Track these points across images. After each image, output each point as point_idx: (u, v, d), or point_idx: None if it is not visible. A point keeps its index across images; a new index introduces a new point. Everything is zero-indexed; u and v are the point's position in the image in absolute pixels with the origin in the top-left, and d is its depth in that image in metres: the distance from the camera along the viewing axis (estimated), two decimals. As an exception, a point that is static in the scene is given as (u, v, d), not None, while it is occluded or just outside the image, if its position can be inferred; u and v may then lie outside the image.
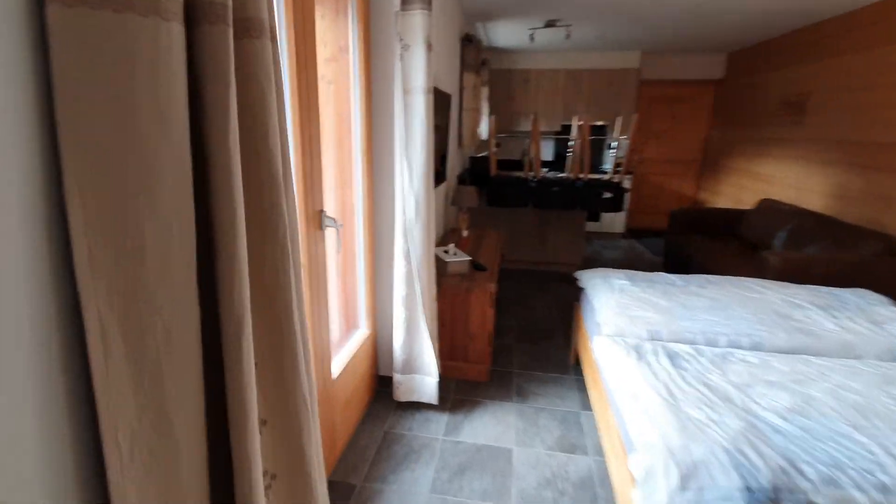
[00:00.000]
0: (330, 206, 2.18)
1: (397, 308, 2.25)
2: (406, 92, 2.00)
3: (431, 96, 2.08)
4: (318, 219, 1.63)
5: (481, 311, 2.55)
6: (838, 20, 3.74)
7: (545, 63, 5.76)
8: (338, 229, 1.68)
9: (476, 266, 2.75)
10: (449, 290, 2.53)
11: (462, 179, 4.26)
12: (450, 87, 3.30)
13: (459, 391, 2.51)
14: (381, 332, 2.45)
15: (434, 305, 2.39)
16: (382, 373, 2.50)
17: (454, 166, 3.94)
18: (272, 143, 0.78)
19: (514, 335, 3.16)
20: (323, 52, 2.05)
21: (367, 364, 2.34)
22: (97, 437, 0.63)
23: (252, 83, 0.75)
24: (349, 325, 2.34)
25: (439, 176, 3.20)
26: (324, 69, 2.05)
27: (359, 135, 2.09)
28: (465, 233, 3.30)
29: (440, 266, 2.64)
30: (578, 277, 2.79)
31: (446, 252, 2.73)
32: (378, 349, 2.48)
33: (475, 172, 4.56)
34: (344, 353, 2.15)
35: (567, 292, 3.93)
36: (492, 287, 2.52)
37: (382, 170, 2.23)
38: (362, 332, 2.31)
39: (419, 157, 2.08)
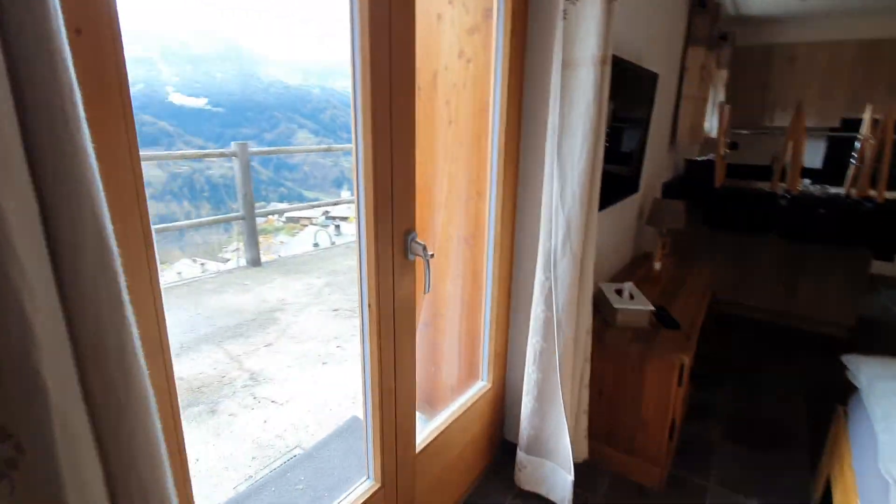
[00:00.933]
0: (459, 222, 1.71)
1: (529, 366, 1.64)
2: (566, 64, 1.37)
3: (608, 70, 1.39)
4: (401, 243, 1.16)
5: (662, 389, 1.72)
6: None
7: (823, 33, 4.11)
8: (427, 260, 1.18)
9: (662, 319, 1.91)
10: (614, 348, 1.78)
11: (669, 190, 3.27)
12: (660, 65, 2.44)
13: (613, 495, 1.75)
14: (512, 387, 1.87)
15: (585, 368, 1.69)
16: (509, 437, 1.92)
17: (657, 173, 3.01)
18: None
19: (720, 427, 2.16)
20: (464, 19, 1.57)
21: (484, 425, 1.80)
22: None
23: None
24: (469, 374, 1.84)
25: (629, 185, 2.40)
26: (463, 43, 1.57)
27: (497, 128, 1.54)
28: (657, 264, 2.42)
29: (607, 312, 1.90)
30: (850, 365, 1.68)
31: (619, 293, 1.96)
32: (506, 408, 1.91)
33: (691, 181, 3.48)
34: (452, 409, 1.65)
35: (825, 370, 2.61)
36: (683, 358, 1.67)
37: (532, 177, 1.64)
38: (482, 386, 1.78)
39: (578, 161, 1.42)
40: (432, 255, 1.16)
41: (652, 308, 1.85)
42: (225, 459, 1.92)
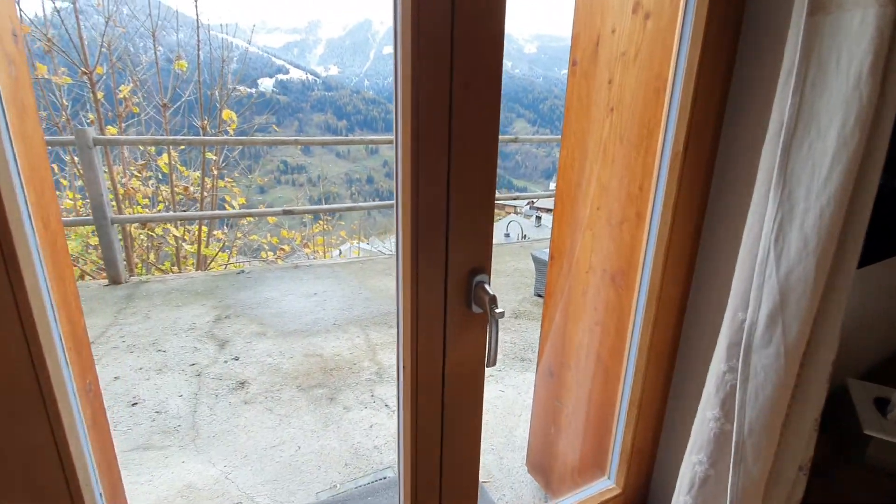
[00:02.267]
0: (606, 251, 1.22)
1: (681, 494, 1.06)
2: (819, 7, 0.75)
3: (925, 9, 0.71)
4: (462, 286, 0.78)
5: None
6: None
7: None
8: (494, 317, 0.76)
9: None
10: (852, 500, 1.04)
11: None
12: None
13: None
14: (659, 502, 1.28)
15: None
16: (644, 563, 1.35)
17: None
18: None
19: None
20: (648, -47, 1.05)
21: (604, 542, 1.28)
22: None
23: None
24: (593, 461, 1.33)
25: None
26: (642, -11, 1.06)
27: (675, 118, 0.98)
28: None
29: (850, 434, 1.14)
30: None
31: (882, 407, 1.15)
32: (642, 523, 1.33)
33: None
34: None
35: None
36: None
37: (728, 201, 1.02)
38: (607, 487, 1.26)
39: (824, 181, 0.78)
40: (501, 314, 0.74)
41: (954, 456, 1.02)
42: (321, 456, 1.86)
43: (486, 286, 0.77)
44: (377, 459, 1.86)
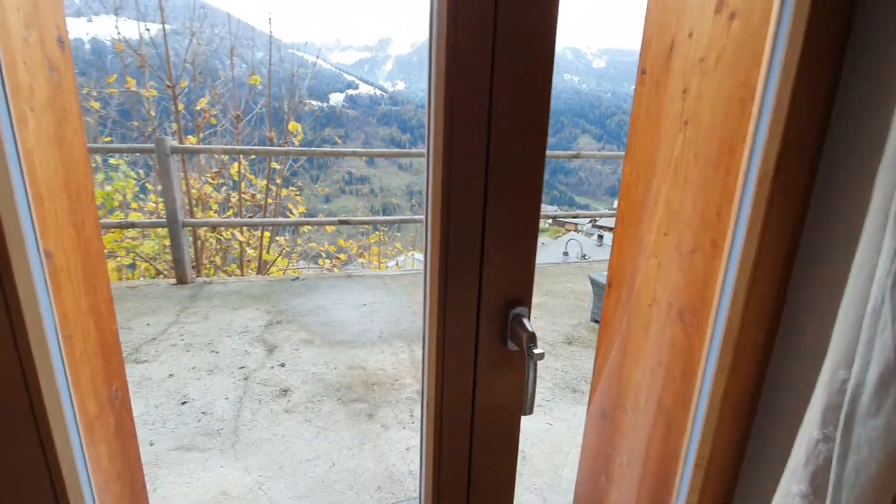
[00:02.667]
0: (673, 283, 1.08)
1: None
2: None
3: None
4: (497, 320, 0.68)
5: None
6: None
7: None
8: (532, 358, 0.66)
9: None
10: None
11: None
12: None
13: None
14: (722, 577, 1.09)
15: None
16: None
17: None
18: None
19: None
20: (736, -56, 0.92)
21: None
22: None
23: None
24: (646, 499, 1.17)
25: None
26: (728, -14, 0.93)
27: (764, 134, 0.83)
28: None
29: None
30: None
31: None
32: None
33: None
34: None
35: None
36: None
37: (828, 232, 0.85)
38: (662, 556, 1.09)
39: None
40: (541, 355, 0.63)
41: None
42: (355, 476, 1.80)
43: (525, 321, 0.67)
44: (411, 486, 1.78)
